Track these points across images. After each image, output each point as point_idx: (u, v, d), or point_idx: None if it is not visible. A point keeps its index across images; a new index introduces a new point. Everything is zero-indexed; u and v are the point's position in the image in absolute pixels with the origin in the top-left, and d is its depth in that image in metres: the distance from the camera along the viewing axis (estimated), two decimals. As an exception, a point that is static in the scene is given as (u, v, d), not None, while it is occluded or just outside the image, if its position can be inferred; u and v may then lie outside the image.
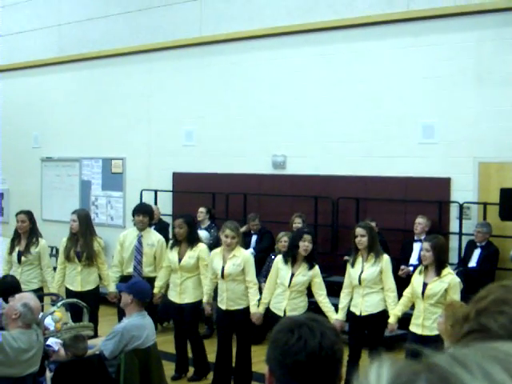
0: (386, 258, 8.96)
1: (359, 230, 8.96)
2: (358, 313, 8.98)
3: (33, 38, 18.15)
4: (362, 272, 8.90)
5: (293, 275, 8.94)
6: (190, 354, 10.02)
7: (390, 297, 8.86)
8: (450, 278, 8.26)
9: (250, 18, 14.19)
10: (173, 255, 9.82)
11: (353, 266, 9.02)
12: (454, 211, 12.03)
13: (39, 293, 10.19)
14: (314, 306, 9.44)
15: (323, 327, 2.63)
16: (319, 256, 9.54)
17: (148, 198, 14.95)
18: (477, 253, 11.27)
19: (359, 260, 8.99)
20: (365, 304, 8.92)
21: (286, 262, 9.03)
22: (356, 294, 9.02)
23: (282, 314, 8.78)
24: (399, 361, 0.89)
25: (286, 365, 2.56)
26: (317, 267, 9.01)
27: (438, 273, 8.25)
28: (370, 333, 9.06)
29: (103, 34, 16.60)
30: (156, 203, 14.90)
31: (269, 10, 13.93)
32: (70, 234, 10.47)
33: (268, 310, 9.16)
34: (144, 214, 10.65)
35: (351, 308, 9.08)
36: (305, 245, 8.89)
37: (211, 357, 9.73)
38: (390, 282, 8.89)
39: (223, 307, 9.28)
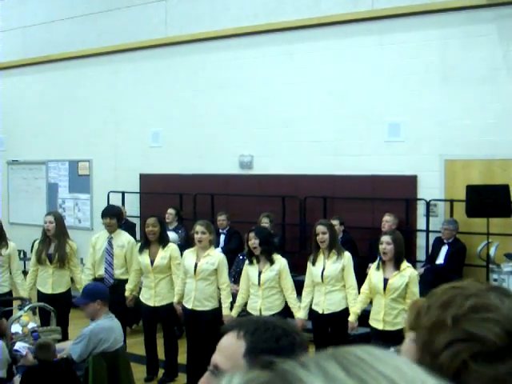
0: (347, 255, 9.02)
1: (320, 228, 9.00)
2: (320, 311, 9.00)
3: (-3, 40, 18.01)
4: (323, 269, 8.93)
5: (260, 273, 8.96)
6: (159, 356, 9.98)
7: (351, 294, 8.91)
8: (409, 271, 8.39)
9: (215, 19, 14.17)
10: (144, 258, 9.72)
11: (314, 263, 9.05)
12: (420, 209, 12.10)
13: (8, 296, 10.13)
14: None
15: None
16: (287, 255, 9.48)
17: (115, 200, 14.87)
18: (444, 250, 11.34)
19: (320, 258, 9.01)
20: (327, 302, 8.95)
21: (251, 262, 9.07)
22: (318, 292, 9.04)
23: (258, 314, 8.74)
24: (254, 371, 0.92)
25: None
26: (283, 262, 8.99)
27: (397, 267, 8.33)
28: (333, 332, 9.06)
29: (68, 35, 16.49)
30: (123, 205, 14.84)
31: (234, 10, 13.92)
32: (43, 237, 10.35)
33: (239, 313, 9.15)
34: (111, 216, 10.56)
35: (313, 307, 9.09)
36: (250, 242, 8.95)
37: (182, 357, 9.70)
38: (352, 279, 8.94)
39: (189, 306, 9.23)
